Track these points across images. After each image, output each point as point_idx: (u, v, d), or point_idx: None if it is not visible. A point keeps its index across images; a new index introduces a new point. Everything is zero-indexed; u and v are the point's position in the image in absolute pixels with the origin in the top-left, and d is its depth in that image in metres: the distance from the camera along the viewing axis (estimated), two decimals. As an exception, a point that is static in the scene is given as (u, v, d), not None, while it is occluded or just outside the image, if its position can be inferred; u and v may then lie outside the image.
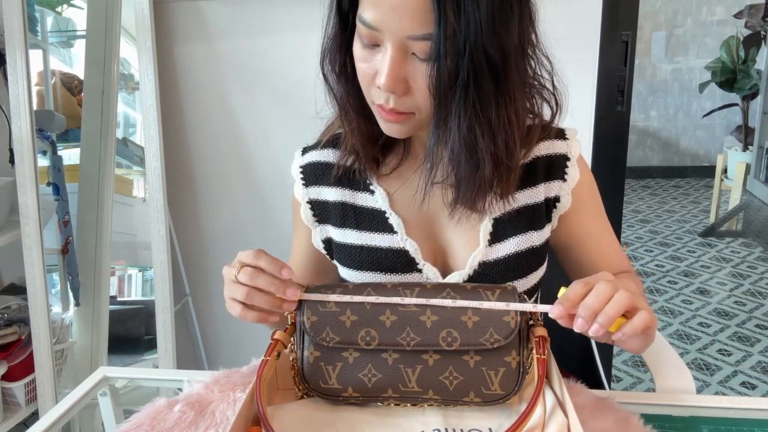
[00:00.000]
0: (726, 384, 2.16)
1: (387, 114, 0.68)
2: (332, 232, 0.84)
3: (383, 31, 0.62)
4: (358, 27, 0.64)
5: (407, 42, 0.61)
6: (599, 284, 0.61)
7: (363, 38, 0.64)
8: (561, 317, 0.62)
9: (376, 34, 0.62)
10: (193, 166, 1.72)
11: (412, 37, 0.61)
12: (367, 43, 0.64)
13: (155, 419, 0.70)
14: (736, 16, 3.93)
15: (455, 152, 0.67)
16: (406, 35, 0.61)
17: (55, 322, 1.58)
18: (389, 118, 0.68)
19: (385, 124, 0.71)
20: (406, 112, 0.67)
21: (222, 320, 1.88)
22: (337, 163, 0.81)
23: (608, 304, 0.60)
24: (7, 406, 1.59)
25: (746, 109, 3.89)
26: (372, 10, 0.61)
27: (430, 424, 0.66)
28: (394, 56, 0.62)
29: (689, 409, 0.76)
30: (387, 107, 0.67)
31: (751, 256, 3.30)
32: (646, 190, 4.70)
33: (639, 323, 0.60)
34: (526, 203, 0.79)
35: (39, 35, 1.71)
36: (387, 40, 0.62)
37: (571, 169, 0.80)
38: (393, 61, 0.62)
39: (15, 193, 1.47)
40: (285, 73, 1.59)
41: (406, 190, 0.80)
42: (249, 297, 0.65)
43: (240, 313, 0.66)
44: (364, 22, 0.62)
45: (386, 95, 0.66)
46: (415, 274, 0.80)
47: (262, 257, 0.65)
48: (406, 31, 0.60)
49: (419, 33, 0.60)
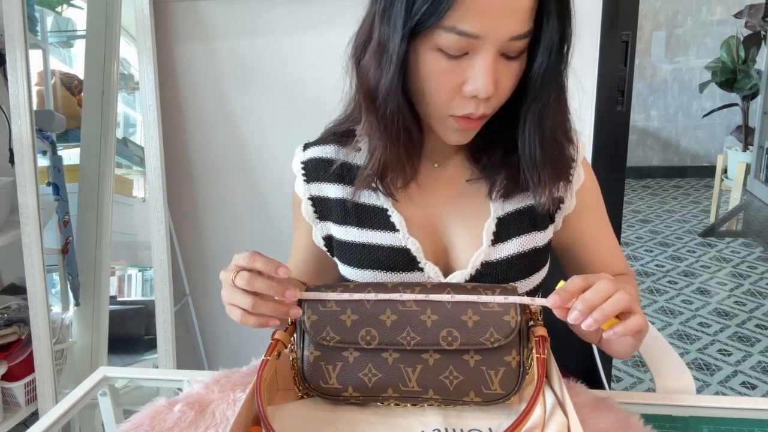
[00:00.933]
0: (726, 384, 2.16)
1: (470, 122, 0.68)
2: (333, 229, 0.84)
3: (486, 37, 0.61)
4: (444, 39, 0.62)
5: (507, 43, 0.62)
6: (600, 282, 0.62)
7: (450, 50, 0.63)
8: (557, 307, 0.63)
9: (473, 42, 0.62)
10: (193, 166, 1.72)
11: (515, 37, 0.62)
12: (456, 53, 0.63)
13: (155, 419, 0.70)
14: (736, 16, 3.92)
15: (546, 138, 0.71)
16: (510, 36, 0.62)
17: (55, 322, 1.57)
18: (471, 125, 0.69)
19: (458, 133, 0.71)
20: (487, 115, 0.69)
21: (222, 320, 1.88)
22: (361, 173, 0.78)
23: (607, 301, 0.61)
24: (7, 406, 1.59)
25: (746, 109, 3.89)
26: (476, 18, 0.60)
27: (430, 424, 0.66)
28: (494, 60, 0.63)
29: (689, 409, 0.76)
30: (477, 113, 0.67)
31: (751, 256, 3.30)
32: (646, 190, 4.70)
33: (632, 325, 0.61)
34: (530, 203, 0.79)
35: (39, 35, 1.71)
36: (487, 45, 0.62)
37: (576, 170, 0.81)
38: (494, 66, 0.63)
39: (15, 193, 1.47)
40: (285, 72, 1.59)
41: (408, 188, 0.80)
42: (255, 306, 0.64)
43: (240, 318, 0.65)
44: (461, 32, 0.61)
45: (476, 103, 0.66)
46: (416, 273, 0.79)
47: (257, 259, 0.64)
48: (513, 31, 0.62)
49: (523, 32, 0.62)
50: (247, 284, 0.63)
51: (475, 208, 0.80)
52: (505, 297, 0.65)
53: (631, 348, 0.69)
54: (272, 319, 0.66)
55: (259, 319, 0.65)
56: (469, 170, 0.81)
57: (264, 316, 0.65)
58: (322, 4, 1.52)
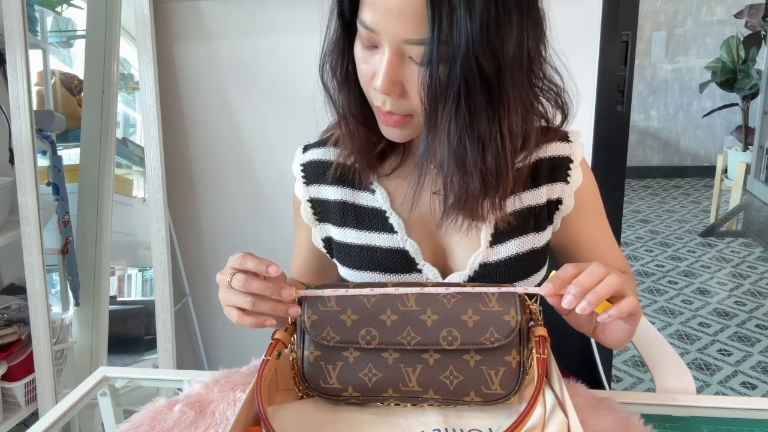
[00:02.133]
0: (726, 384, 2.16)
1: (384, 117, 0.69)
2: (332, 230, 0.84)
3: (380, 33, 0.62)
4: (359, 28, 0.65)
5: (403, 46, 0.62)
6: (592, 266, 0.63)
7: (363, 39, 0.65)
8: (551, 295, 0.63)
9: (374, 36, 0.63)
10: (193, 166, 1.72)
11: (407, 41, 0.61)
12: (367, 44, 0.65)
13: (155, 419, 0.70)
14: (736, 16, 3.93)
15: (444, 162, 0.66)
16: (402, 39, 0.61)
17: (55, 322, 1.57)
18: (387, 121, 0.69)
19: (385, 128, 0.71)
20: (403, 115, 0.68)
21: (222, 320, 1.88)
22: (335, 162, 0.81)
23: (599, 284, 0.61)
24: (7, 406, 1.59)
25: (746, 109, 3.89)
26: (370, 12, 0.62)
27: (430, 424, 0.66)
28: (390, 59, 0.63)
29: (689, 409, 0.76)
30: (384, 109, 0.68)
31: (751, 256, 3.30)
32: (646, 190, 4.70)
33: (626, 307, 0.62)
34: (529, 205, 0.79)
35: (39, 35, 1.71)
36: (384, 43, 0.63)
37: (574, 171, 0.80)
38: (389, 64, 0.63)
39: (15, 193, 1.47)
40: (285, 72, 1.59)
41: (406, 190, 0.80)
42: (255, 305, 0.65)
43: (237, 319, 0.66)
44: (363, 24, 0.63)
45: (383, 97, 0.66)
46: (415, 274, 0.80)
47: (248, 259, 0.65)
48: (402, 34, 0.61)
49: (415, 38, 0.60)
50: (243, 286, 0.65)
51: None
52: (498, 287, 0.65)
53: (626, 335, 0.69)
54: (269, 318, 0.67)
55: (257, 319, 0.66)
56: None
57: (263, 315, 0.66)
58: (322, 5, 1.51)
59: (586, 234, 0.85)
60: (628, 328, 0.68)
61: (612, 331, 0.70)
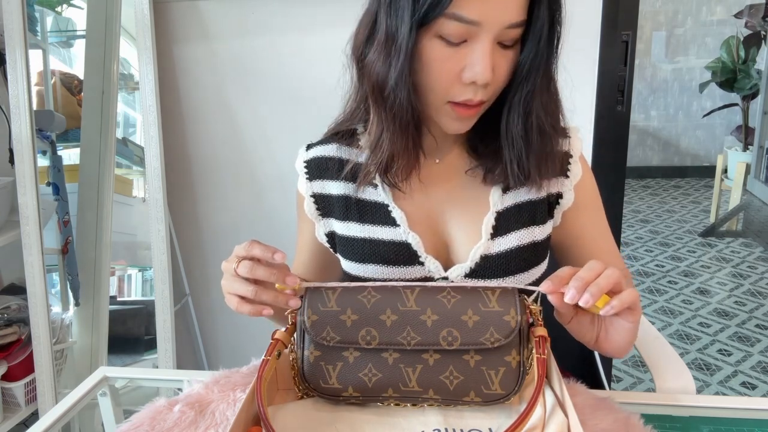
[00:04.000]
0: (726, 384, 2.16)
1: (468, 110, 0.70)
2: (335, 225, 0.85)
3: (484, 24, 0.64)
4: (447, 26, 0.65)
5: (503, 31, 0.65)
6: (590, 262, 0.64)
7: (451, 37, 0.66)
8: (551, 292, 0.64)
9: (472, 29, 0.64)
10: (193, 166, 1.72)
11: (511, 26, 0.65)
12: (456, 41, 0.66)
13: (155, 419, 0.70)
14: (736, 16, 3.93)
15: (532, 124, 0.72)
16: (507, 24, 0.64)
17: (55, 322, 1.57)
18: (469, 113, 0.71)
19: (457, 121, 0.73)
20: (484, 102, 0.71)
21: (222, 320, 1.88)
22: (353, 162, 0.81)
23: (600, 277, 0.63)
24: (7, 406, 1.59)
25: (746, 109, 3.89)
26: (477, 5, 0.63)
27: (430, 424, 0.66)
28: (492, 47, 0.65)
29: (689, 409, 0.76)
30: (475, 100, 0.69)
31: (751, 256, 3.30)
32: (646, 190, 4.70)
33: (627, 298, 0.63)
34: (529, 198, 0.80)
35: (39, 35, 1.71)
36: (485, 32, 0.64)
37: (574, 166, 0.82)
38: (491, 52, 0.66)
39: (15, 193, 1.47)
40: (284, 72, 1.59)
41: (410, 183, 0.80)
42: (257, 294, 0.66)
43: (237, 306, 0.67)
44: (461, 19, 0.64)
45: (475, 89, 0.68)
46: (417, 266, 0.80)
47: (255, 246, 0.67)
48: (507, 20, 0.64)
49: (518, 20, 0.65)
50: (249, 272, 0.65)
51: (474, 203, 0.81)
52: (499, 282, 0.66)
53: (629, 336, 0.69)
54: (267, 308, 0.67)
55: (255, 307, 0.67)
56: (468, 164, 0.82)
57: (263, 303, 0.67)
58: (322, 5, 1.52)
59: (585, 230, 0.85)
60: (630, 327, 0.68)
61: (615, 334, 0.69)
